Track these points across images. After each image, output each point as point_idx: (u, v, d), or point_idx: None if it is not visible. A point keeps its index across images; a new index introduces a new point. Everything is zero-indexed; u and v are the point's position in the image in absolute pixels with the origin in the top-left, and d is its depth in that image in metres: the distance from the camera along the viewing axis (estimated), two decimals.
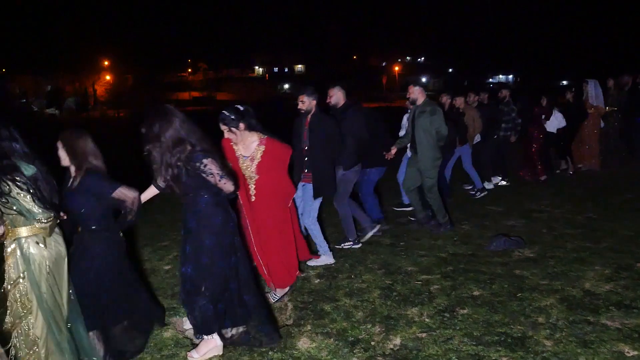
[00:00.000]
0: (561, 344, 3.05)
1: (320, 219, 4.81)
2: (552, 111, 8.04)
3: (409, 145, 5.77)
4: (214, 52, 64.87)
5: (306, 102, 4.46)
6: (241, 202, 3.81)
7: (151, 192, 3.22)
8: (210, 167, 2.86)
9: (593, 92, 8.46)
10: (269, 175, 3.79)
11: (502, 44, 51.84)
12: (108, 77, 55.88)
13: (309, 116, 4.52)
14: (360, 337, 3.31)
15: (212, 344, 3.11)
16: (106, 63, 55.06)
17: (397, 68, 61.47)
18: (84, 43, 49.08)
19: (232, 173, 3.17)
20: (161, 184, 3.03)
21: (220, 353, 3.13)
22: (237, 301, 3.21)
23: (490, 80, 57.01)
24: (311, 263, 4.66)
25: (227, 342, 3.22)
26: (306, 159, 4.52)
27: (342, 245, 5.15)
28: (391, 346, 3.17)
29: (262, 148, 3.70)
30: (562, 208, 6.37)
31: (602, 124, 8.72)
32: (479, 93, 7.79)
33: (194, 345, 3.35)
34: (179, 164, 2.84)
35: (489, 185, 7.62)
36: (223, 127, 3.61)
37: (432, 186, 5.46)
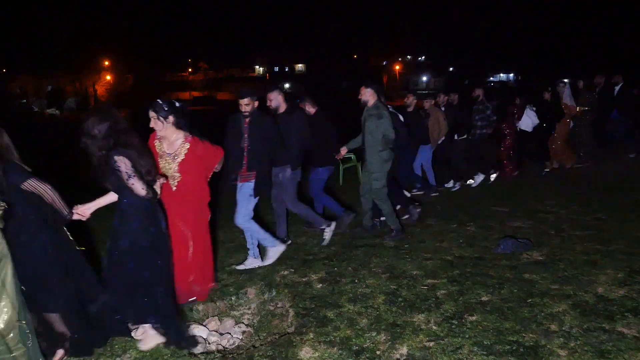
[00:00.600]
0: (576, 353, 2.91)
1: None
2: (523, 110, 8.20)
3: None
4: (214, 51, 64.85)
5: (250, 105, 4.55)
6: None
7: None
8: (120, 165, 2.94)
9: (568, 92, 8.68)
10: (192, 177, 3.74)
11: (503, 42, 51.65)
12: (108, 77, 55.87)
13: (250, 117, 4.59)
14: (365, 345, 3.17)
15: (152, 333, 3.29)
16: (107, 63, 55.00)
17: (397, 67, 61.30)
18: (85, 43, 49.05)
19: (152, 179, 3.16)
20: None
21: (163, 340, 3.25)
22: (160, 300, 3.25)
23: (491, 78, 56.80)
24: (255, 264, 4.74)
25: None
26: (246, 158, 4.58)
27: (323, 242, 5.29)
28: (397, 356, 3.03)
29: (187, 146, 3.67)
30: (569, 208, 6.22)
31: (572, 124, 8.94)
32: (448, 94, 7.97)
33: (192, 355, 3.23)
34: (104, 160, 2.98)
35: (479, 178, 7.89)
36: (152, 114, 3.59)
37: (379, 189, 5.30)
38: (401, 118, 6.07)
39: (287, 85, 62.85)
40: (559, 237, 5.13)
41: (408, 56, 67.85)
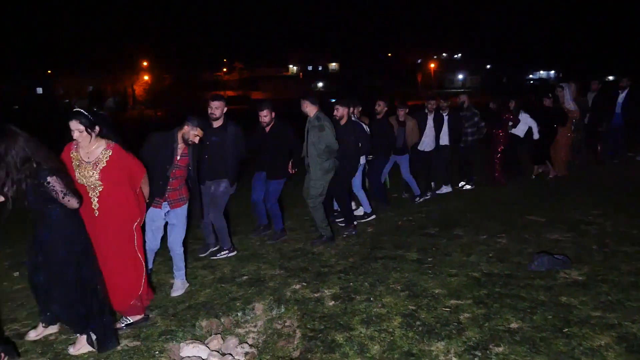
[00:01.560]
0: None
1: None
2: (518, 115, 7.86)
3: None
4: (249, 51, 65.37)
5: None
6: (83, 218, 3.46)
7: None
8: (54, 185, 3.01)
9: (568, 95, 8.23)
10: (115, 188, 3.50)
11: (544, 37, 49.66)
12: (146, 78, 57.08)
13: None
14: None
15: (84, 341, 3.33)
16: (145, 64, 56.22)
17: (432, 65, 60.05)
18: (124, 44, 50.34)
19: (77, 190, 3.23)
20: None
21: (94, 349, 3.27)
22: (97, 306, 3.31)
23: (531, 76, 54.80)
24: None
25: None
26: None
27: (218, 255, 5.19)
28: None
29: (109, 153, 3.46)
30: (614, 219, 5.66)
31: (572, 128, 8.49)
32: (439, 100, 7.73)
33: None
34: (27, 180, 2.99)
35: (447, 189, 7.74)
36: (78, 127, 3.33)
37: (315, 196, 5.32)
38: (366, 128, 5.98)
39: (320, 84, 62.72)
40: (603, 253, 4.62)
41: (444, 54, 66.41)
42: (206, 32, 62.02)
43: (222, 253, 5.21)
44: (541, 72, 57.11)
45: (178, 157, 4.11)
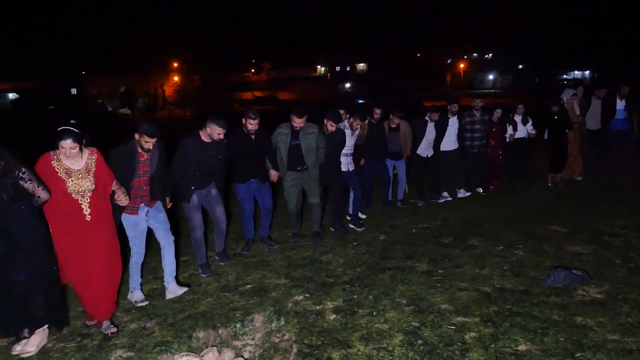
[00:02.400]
0: None
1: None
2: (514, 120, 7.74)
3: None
4: (277, 52, 65.72)
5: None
6: (63, 226, 3.53)
7: None
8: (29, 175, 3.21)
9: (577, 103, 8.06)
10: (103, 191, 3.67)
11: (579, 35, 47.98)
12: (176, 78, 58.06)
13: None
14: None
15: (44, 334, 3.52)
16: (175, 65, 57.19)
17: (462, 65, 58.99)
18: (155, 46, 51.41)
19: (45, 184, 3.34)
20: None
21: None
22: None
23: (565, 76, 53.10)
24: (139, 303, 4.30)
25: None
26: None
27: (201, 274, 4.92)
28: None
29: (95, 157, 3.63)
30: None
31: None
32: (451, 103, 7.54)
33: None
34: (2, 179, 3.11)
35: (463, 194, 7.59)
36: (72, 145, 3.41)
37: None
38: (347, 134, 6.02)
39: (347, 85, 62.48)
40: (626, 268, 4.34)
41: (474, 54, 65.15)
42: (235, 33, 62.70)
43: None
44: (576, 72, 55.28)
45: (140, 167, 4.08)
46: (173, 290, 4.40)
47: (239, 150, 5.15)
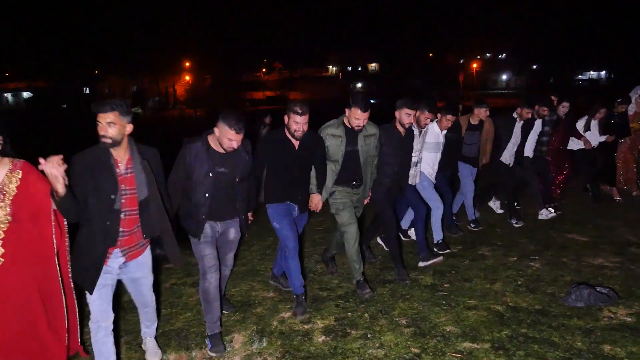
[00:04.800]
0: None
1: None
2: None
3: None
4: (289, 51, 65.51)
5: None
6: None
7: None
8: None
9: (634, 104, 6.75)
10: (36, 222, 2.62)
11: (595, 35, 46.83)
12: (187, 78, 58.06)
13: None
14: None
15: None
16: (187, 64, 57.20)
17: (475, 65, 58.09)
18: (167, 46, 51.47)
19: None
20: None
21: None
22: None
23: (580, 77, 51.96)
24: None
25: None
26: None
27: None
28: None
29: (19, 174, 2.56)
30: None
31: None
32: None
33: None
34: None
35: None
36: None
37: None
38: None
39: (359, 85, 61.94)
40: None
41: (487, 54, 64.16)
42: (247, 33, 62.53)
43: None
44: (591, 72, 54.06)
45: (123, 178, 2.71)
46: (153, 350, 3.25)
47: (274, 163, 3.63)
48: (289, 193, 3.66)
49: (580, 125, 6.45)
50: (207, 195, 3.13)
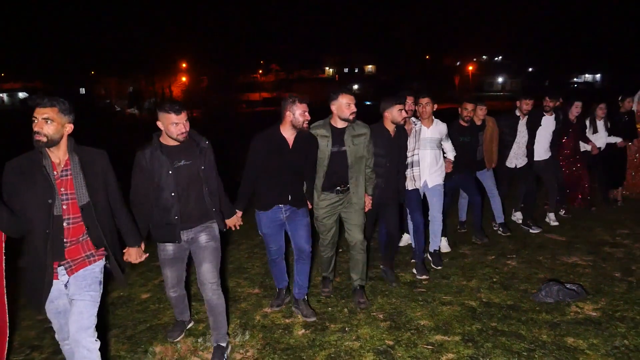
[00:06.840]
0: None
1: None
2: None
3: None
4: (285, 53, 65.60)
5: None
6: None
7: None
8: None
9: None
10: None
11: (590, 38, 47.17)
12: (184, 79, 58.16)
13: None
14: None
15: None
16: (183, 65, 57.30)
17: (471, 68, 58.40)
18: (163, 47, 51.54)
19: None
20: None
21: None
22: None
23: (575, 79, 52.32)
24: None
25: None
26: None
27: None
28: None
29: None
30: None
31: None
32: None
33: None
34: None
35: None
36: None
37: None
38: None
39: (355, 87, 62.19)
40: (626, 282, 3.99)
41: (483, 56, 64.51)
42: (244, 34, 62.59)
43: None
44: (586, 75, 54.45)
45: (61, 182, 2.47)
46: None
47: (267, 162, 3.44)
48: (280, 195, 3.50)
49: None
50: (173, 194, 2.94)
